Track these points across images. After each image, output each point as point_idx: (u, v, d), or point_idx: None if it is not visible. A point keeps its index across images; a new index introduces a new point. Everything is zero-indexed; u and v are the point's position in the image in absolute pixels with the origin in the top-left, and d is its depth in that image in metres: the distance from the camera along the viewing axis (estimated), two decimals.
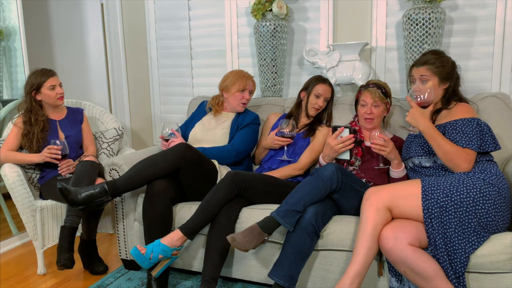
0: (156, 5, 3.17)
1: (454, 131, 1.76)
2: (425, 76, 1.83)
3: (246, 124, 2.39)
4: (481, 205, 1.57)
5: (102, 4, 3.34)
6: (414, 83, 1.89)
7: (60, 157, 2.21)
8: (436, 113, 1.89)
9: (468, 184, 1.61)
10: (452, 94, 1.88)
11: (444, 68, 1.84)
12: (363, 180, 2.04)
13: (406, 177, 2.00)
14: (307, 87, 2.35)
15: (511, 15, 2.34)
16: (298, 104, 2.41)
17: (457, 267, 1.55)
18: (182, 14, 3.10)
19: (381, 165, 2.02)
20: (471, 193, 1.58)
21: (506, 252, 1.56)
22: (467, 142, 1.71)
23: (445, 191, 1.60)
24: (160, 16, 3.17)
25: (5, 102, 2.96)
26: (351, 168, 2.09)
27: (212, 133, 2.37)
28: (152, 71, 3.28)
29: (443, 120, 1.84)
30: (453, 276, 1.55)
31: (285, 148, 2.27)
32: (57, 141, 2.20)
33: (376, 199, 1.64)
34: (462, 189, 1.60)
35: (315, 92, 2.30)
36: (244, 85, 2.38)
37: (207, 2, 3.01)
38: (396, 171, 1.97)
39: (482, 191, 1.59)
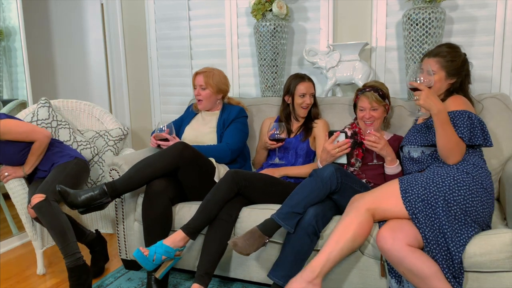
0: (156, 5, 3.17)
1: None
2: (432, 71, 1.83)
3: (233, 120, 2.39)
4: (456, 191, 1.61)
5: (102, 4, 3.34)
6: (422, 73, 1.87)
7: None
8: None
9: (442, 174, 1.67)
10: (458, 89, 1.89)
11: (453, 63, 1.84)
12: (363, 180, 2.04)
13: (402, 174, 2.02)
14: (289, 90, 2.33)
15: (511, 15, 2.34)
16: (285, 108, 2.39)
17: (454, 259, 1.55)
18: (182, 14, 3.10)
19: (375, 161, 2.04)
20: (446, 181, 1.63)
21: (506, 251, 1.56)
22: (459, 134, 1.72)
23: (422, 184, 1.65)
24: (160, 16, 3.17)
25: (5, 102, 2.96)
26: (351, 169, 2.10)
27: (200, 135, 2.38)
28: (152, 71, 3.28)
29: None
30: (448, 273, 1.55)
31: (277, 150, 2.28)
32: None
33: (358, 203, 1.70)
34: (437, 179, 1.65)
35: (298, 93, 2.30)
36: (193, 83, 2.43)
37: (207, 2, 3.01)
38: (390, 167, 1.99)
39: (455, 178, 1.64)
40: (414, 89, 1.70)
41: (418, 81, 1.69)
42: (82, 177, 2.28)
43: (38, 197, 2.01)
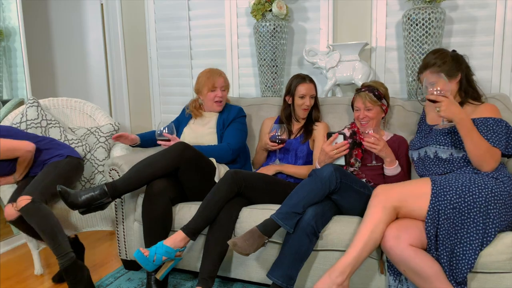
0: (156, 5, 3.17)
1: (485, 128, 1.72)
2: (432, 82, 1.81)
3: (233, 119, 2.39)
4: (492, 205, 1.55)
5: (102, 4, 3.34)
6: (427, 88, 1.83)
7: None
8: None
9: (480, 184, 1.59)
10: (467, 85, 1.86)
11: (445, 64, 1.82)
12: (363, 180, 2.04)
13: (402, 174, 2.01)
14: (289, 90, 2.33)
15: (511, 15, 2.34)
16: (286, 108, 2.39)
17: (463, 268, 1.54)
18: (182, 14, 3.10)
19: (374, 162, 2.04)
20: (483, 193, 1.56)
21: (507, 252, 1.56)
22: (496, 142, 1.68)
23: (457, 192, 1.58)
24: (160, 16, 3.17)
25: (5, 102, 2.96)
26: (351, 169, 2.10)
27: (200, 136, 2.38)
28: (152, 71, 3.28)
29: (471, 116, 1.77)
30: (452, 280, 1.55)
31: (277, 152, 2.27)
32: None
33: (385, 197, 1.62)
34: (474, 189, 1.58)
35: (298, 94, 2.29)
36: (213, 84, 2.37)
37: (207, 2, 3.01)
38: (389, 168, 1.99)
39: (493, 190, 1.57)
40: (434, 101, 1.66)
41: (436, 93, 1.66)
42: (73, 176, 2.26)
43: (25, 200, 1.96)
